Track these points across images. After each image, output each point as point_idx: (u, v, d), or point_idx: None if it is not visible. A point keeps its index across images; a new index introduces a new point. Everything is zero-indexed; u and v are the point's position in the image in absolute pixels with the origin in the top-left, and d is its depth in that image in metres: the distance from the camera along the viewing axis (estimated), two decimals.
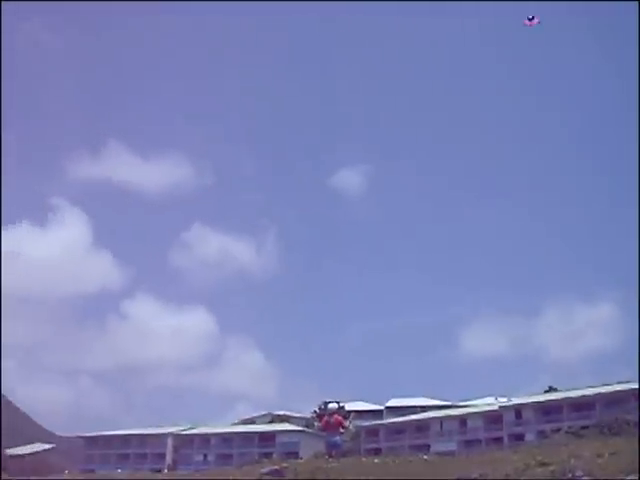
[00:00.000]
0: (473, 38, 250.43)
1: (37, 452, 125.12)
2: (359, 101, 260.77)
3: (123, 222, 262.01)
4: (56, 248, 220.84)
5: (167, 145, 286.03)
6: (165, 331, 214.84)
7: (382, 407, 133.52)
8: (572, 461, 14.38)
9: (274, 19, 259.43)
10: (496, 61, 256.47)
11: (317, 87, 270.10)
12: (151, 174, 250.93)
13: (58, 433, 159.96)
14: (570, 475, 12.68)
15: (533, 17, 30.28)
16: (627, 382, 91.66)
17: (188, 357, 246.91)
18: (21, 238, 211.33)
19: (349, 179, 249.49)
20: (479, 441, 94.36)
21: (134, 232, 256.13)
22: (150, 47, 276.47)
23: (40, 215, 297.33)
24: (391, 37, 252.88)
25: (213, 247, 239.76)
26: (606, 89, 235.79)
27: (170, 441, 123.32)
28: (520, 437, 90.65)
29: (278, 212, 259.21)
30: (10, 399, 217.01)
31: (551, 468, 14.10)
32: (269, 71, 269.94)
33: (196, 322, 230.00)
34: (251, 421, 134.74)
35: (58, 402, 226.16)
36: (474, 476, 15.07)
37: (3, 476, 33.01)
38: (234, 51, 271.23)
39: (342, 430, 27.22)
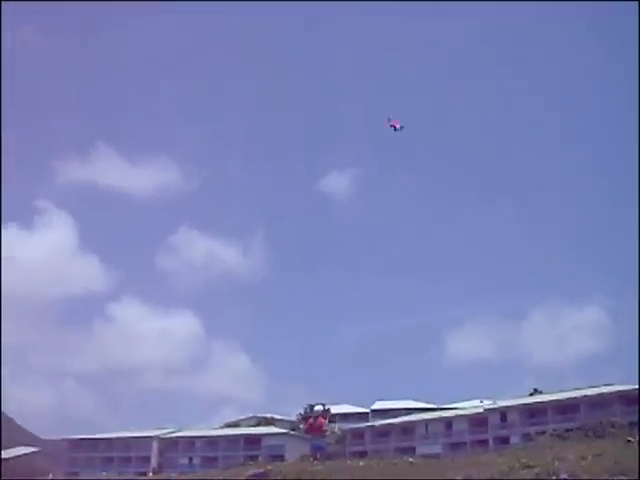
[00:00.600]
0: (470, 38, 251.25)
1: (21, 455, 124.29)
2: (347, 104, 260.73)
3: (110, 225, 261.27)
4: (42, 251, 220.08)
5: (155, 149, 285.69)
6: (151, 334, 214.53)
7: (368, 410, 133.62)
8: (556, 463, 14.42)
9: (263, 25, 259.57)
10: (494, 61, 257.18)
11: (305, 91, 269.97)
12: (139, 177, 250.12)
13: (42, 436, 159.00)
14: (554, 477, 12.71)
15: (393, 125, 31.10)
16: (612, 384, 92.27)
17: (174, 360, 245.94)
18: (7, 240, 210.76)
19: (337, 182, 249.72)
20: (464, 444, 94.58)
21: (121, 235, 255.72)
22: (139, 51, 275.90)
23: (27, 218, 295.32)
24: (381, 39, 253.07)
25: (200, 250, 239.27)
26: (606, 89, 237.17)
27: (155, 444, 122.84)
28: (505, 440, 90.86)
29: (266, 215, 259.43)
30: None
31: (535, 470, 14.14)
32: (258, 76, 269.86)
33: (182, 325, 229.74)
34: (236, 424, 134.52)
35: (43, 405, 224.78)
36: (459, 478, 15.09)
37: None
38: (223, 56, 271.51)
39: (325, 432, 27.28)
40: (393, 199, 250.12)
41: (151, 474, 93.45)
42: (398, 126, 31.08)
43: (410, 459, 23.39)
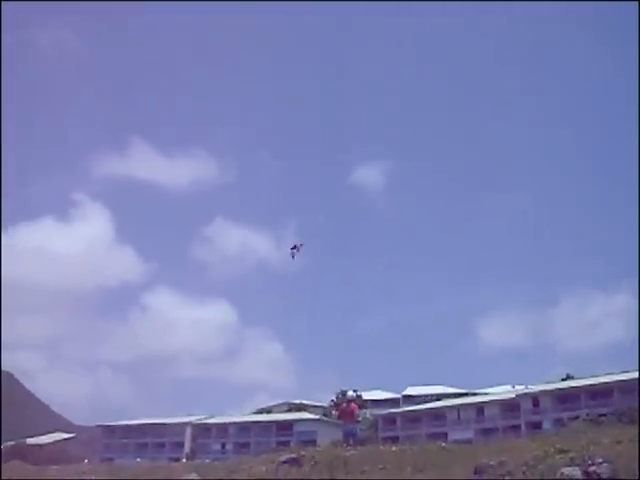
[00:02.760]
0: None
1: (57, 441, 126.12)
2: (377, 98, 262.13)
3: (146, 217, 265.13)
4: (79, 243, 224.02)
5: (190, 143, 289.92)
6: (186, 323, 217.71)
7: (399, 395, 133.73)
8: (591, 448, 14.30)
9: (291, 20, 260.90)
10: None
11: (336, 85, 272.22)
12: (174, 171, 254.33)
13: (78, 423, 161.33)
14: (590, 462, 12.60)
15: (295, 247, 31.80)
16: None
17: (209, 348, 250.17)
18: (46, 233, 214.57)
19: (368, 174, 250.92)
20: (496, 429, 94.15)
21: (156, 227, 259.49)
22: (174, 47, 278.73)
23: (65, 211, 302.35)
24: (409, 34, 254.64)
25: (234, 241, 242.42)
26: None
27: (188, 430, 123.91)
28: (537, 425, 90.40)
29: (298, 206, 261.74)
30: (30, 389, 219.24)
31: (570, 455, 14.02)
32: (290, 71, 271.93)
33: (217, 314, 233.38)
34: (268, 410, 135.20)
35: (80, 393, 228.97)
36: (492, 463, 15.02)
37: (22, 465, 33.33)
38: (257, 52, 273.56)
39: (358, 418, 27.29)
40: (424, 190, 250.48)
41: (184, 460, 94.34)
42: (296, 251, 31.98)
43: (443, 444, 23.31)
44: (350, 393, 36.20)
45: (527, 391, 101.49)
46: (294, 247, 31.37)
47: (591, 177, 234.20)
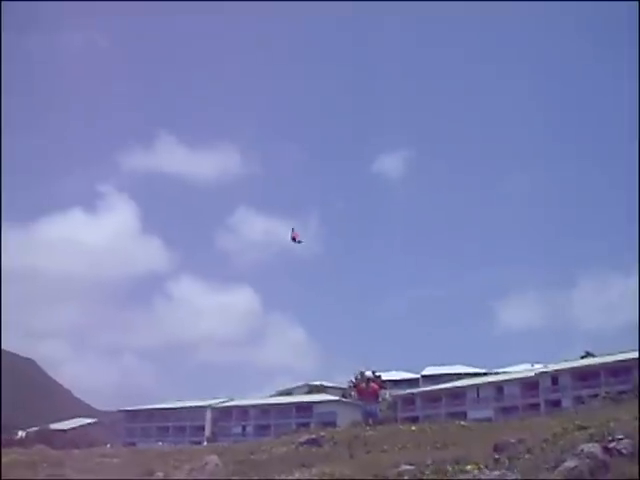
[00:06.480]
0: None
1: (80, 426, 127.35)
2: (399, 88, 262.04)
3: (171, 208, 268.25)
4: (107, 233, 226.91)
5: (215, 135, 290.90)
6: (211, 310, 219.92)
7: (418, 375, 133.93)
8: (611, 424, 14.29)
9: (313, 12, 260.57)
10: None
11: (357, 75, 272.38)
12: (199, 162, 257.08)
13: (99, 408, 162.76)
14: (610, 438, 12.59)
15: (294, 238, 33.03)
16: None
17: (233, 334, 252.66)
18: (74, 224, 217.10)
19: (389, 163, 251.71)
20: (515, 408, 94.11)
21: (182, 217, 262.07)
22: (198, 42, 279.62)
23: (93, 203, 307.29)
24: (429, 26, 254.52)
25: (258, 229, 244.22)
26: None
27: (209, 414, 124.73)
28: (557, 403, 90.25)
29: (321, 195, 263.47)
30: (52, 375, 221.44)
31: (590, 431, 14.02)
32: (312, 62, 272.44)
33: (241, 300, 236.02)
34: (288, 392, 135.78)
35: (105, 379, 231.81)
36: (512, 440, 15.07)
37: (46, 449, 33.79)
38: (278, 44, 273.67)
39: (378, 399, 27.42)
40: (443, 176, 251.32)
41: (206, 443, 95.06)
42: (298, 239, 33.29)
43: (462, 423, 23.38)
44: (369, 373, 36.37)
45: (546, 369, 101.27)
46: (294, 238, 32.25)
47: (608, 159, 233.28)
